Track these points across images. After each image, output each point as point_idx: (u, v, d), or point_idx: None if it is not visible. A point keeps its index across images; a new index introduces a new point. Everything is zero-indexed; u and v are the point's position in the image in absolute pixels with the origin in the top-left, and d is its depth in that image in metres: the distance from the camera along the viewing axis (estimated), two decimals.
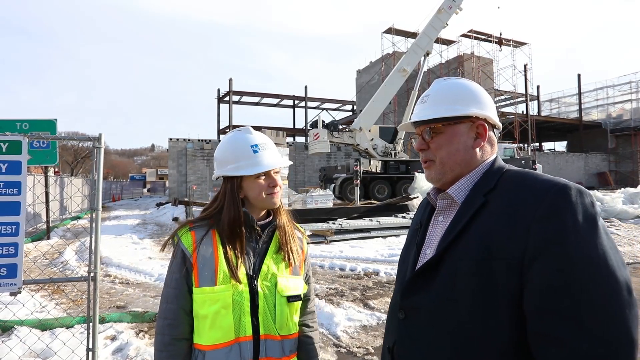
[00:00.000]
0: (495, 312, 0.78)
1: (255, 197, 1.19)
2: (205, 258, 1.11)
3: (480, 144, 0.94)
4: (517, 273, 0.77)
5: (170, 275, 1.15)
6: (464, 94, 0.96)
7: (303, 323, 1.27)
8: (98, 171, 2.60)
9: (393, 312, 1.01)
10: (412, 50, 18.91)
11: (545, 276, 0.73)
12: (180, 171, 22.68)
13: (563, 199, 0.77)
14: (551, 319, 0.72)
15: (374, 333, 3.95)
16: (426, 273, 0.90)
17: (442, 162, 0.95)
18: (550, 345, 0.72)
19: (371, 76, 31.42)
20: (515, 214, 0.80)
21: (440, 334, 0.85)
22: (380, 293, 5.17)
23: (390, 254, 7.50)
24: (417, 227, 1.05)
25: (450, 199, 0.95)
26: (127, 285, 5.76)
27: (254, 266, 1.16)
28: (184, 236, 1.15)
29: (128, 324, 3.97)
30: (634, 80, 32.09)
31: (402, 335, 0.93)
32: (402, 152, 19.31)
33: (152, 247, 9.02)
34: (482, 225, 0.84)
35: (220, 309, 1.07)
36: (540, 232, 0.75)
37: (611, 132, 32.61)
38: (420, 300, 0.90)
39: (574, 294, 0.70)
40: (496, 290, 0.78)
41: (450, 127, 0.94)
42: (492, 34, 30.71)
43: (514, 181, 0.87)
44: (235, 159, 1.18)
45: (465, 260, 0.83)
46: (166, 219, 14.15)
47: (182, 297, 1.11)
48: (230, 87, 30.77)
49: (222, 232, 1.15)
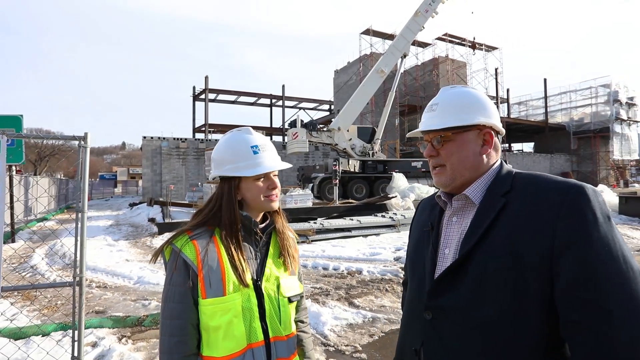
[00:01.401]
0: (525, 308, 0.83)
1: (254, 199, 1.17)
2: (211, 268, 1.06)
3: (487, 151, 0.99)
4: (546, 268, 0.82)
5: (172, 288, 1.08)
6: (471, 103, 1.00)
7: (298, 319, 1.30)
8: (84, 171, 2.52)
9: (415, 313, 1.02)
10: (390, 51, 19.18)
11: (574, 269, 0.79)
12: (155, 170, 22.02)
13: (583, 198, 0.82)
14: (581, 308, 0.77)
15: (361, 331, 4.00)
16: (452, 273, 0.92)
17: (452, 167, 0.99)
18: (582, 333, 0.77)
19: (349, 76, 31.65)
20: (540, 213, 0.85)
21: (471, 333, 0.88)
22: (364, 291, 5.24)
23: (371, 252, 7.61)
24: (427, 229, 1.08)
25: (465, 200, 0.99)
26: (105, 289, 5.55)
27: (256, 270, 1.15)
28: (185, 247, 1.08)
29: (109, 330, 3.84)
30: (594, 86, 33.96)
31: (430, 336, 0.95)
32: (379, 152, 19.57)
33: (128, 248, 8.73)
34: (506, 224, 0.88)
35: (232, 318, 1.05)
36: (565, 229, 0.81)
37: (574, 135, 34.34)
38: (449, 300, 0.92)
39: (600, 283, 0.76)
40: (525, 287, 0.83)
41: (459, 135, 0.98)
42: (466, 38, 31.70)
43: (529, 183, 0.92)
44: (235, 160, 1.15)
45: (492, 258, 0.86)
46: (141, 219, 13.72)
47: (190, 311, 1.06)
48: (207, 85, 30.19)
49: (224, 238, 1.11)
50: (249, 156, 1.16)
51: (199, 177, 22.16)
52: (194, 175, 22.64)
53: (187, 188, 21.91)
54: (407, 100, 31.19)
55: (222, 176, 1.18)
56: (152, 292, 5.40)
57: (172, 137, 22.76)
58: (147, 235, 10.67)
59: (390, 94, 19.81)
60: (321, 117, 37.42)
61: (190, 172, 22.72)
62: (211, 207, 1.18)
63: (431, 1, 18.92)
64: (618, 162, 33.54)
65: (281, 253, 1.22)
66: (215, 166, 1.20)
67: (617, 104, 32.89)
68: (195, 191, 16.93)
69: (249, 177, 1.15)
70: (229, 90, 33.38)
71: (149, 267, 6.60)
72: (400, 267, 6.39)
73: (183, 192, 21.43)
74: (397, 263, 6.72)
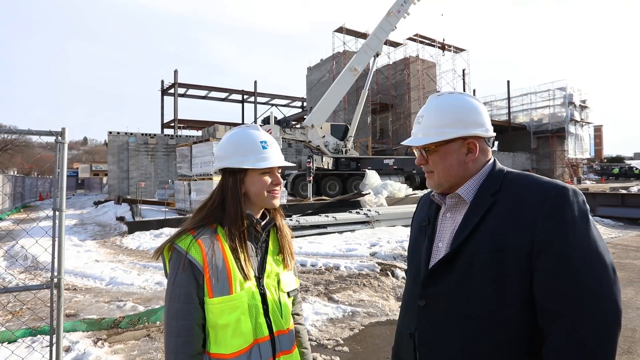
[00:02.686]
0: (506, 298, 0.92)
1: (257, 193, 1.18)
2: (217, 268, 1.07)
3: (472, 158, 1.06)
4: (526, 263, 0.91)
5: (176, 289, 1.07)
6: (454, 116, 1.05)
7: (294, 312, 1.34)
8: (61, 169, 2.42)
9: (411, 301, 1.11)
10: (363, 50, 19.43)
11: (551, 264, 0.89)
12: (122, 167, 21.12)
13: (563, 199, 0.92)
14: (556, 298, 0.87)
15: (341, 325, 4.09)
16: (444, 265, 1.01)
17: (438, 175, 1.08)
18: (556, 321, 0.87)
19: (322, 74, 31.72)
20: (523, 212, 0.94)
21: (460, 318, 0.97)
22: (342, 287, 5.34)
23: (348, 248, 7.73)
24: (424, 224, 1.16)
25: (458, 198, 1.07)
26: (75, 291, 5.31)
27: (258, 267, 1.17)
28: (191, 248, 1.08)
29: (83, 333, 3.71)
30: (552, 89, 36.01)
31: (424, 321, 1.04)
32: (352, 150, 19.81)
33: (97, 249, 8.37)
34: (493, 222, 0.97)
35: (240, 315, 1.07)
36: (545, 227, 0.90)
37: (533, 134, 36.26)
38: (440, 289, 1.01)
39: (574, 277, 0.86)
40: (506, 279, 0.92)
41: (442, 147, 1.06)
42: (436, 39, 32.59)
43: (517, 183, 1.01)
44: (244, 153, 1.17)
45: (479, 252, 0.96)
46: (108, 218, 13.14)
47: (196, 311, 1.06)
48: (176, 79, 29.28)
49: (228, 236, 1.13)
50: (258, 150, 1.18)
51: (168, 174, 21.49)
52: (163, 172, 21.93)
53: (156, 185, 21.21)
54: (379, 98, 31.71)
55: (226, 169, 1.19)
56: (126, 292, 5.23)
57: (140, 133, 21.91)
58: (117, 234, 10.25)
59: (362, 92, 20.06)
60: (294, 114, 37.30)
61: (160, 169, 21.98)
62: (214, 200, 1.19)
63: (403, 2, 19.31)
64: (572, 160, 35.78)
65: (280, 250, 1.25)
66: (221, 158, 1.20)
67: (572, 106, 35.04)
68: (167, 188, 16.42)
69: (255, 170, 1.17)
70: (199, 85, 32.51)
71: (121, 268, 6.38)
72: (377, 262, 6.55)
73: (152, 189, 20.73)
74: (373, 258, 6.88)
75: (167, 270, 1.13)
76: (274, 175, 1.22)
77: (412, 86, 31.42)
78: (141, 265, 6.83)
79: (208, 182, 11.85)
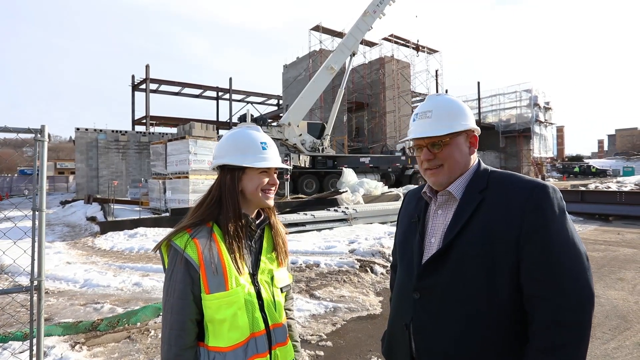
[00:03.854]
0: (497, 286, 1.02)
1: (253, 192, 1.22)
2: (213, 265, 1.11)
3: (474, 151, 1.18)
4: (514, 253, 1.02)
5: (173, 284, 1.13)
6: (459, 111, 1.16)
7: (286, 308, 1.40)
8: (41, 167, 2.36)
9: (405, 293, 1.18)
10: (340, 49, 19.56)
11: (534, 254, 1.00)
12: (91, 165, 20.26)
13: (545, 195, 1.03)
14: (540, 284, 0.98)
15: (324, 321, 4.16)
16: (438, 258, 1.09)
17: (450, 167, 1.15)
18: (540, 304, 0.98)
19: (298, 72, 31.65)
20: (510, 207, 1.04)
21: (453, 308, 1.06)
22: (323, 283, 5.42)
23: (327, 246, 7.82)
24: (414, 220, 1.24)
25: (448, 196, 1.16)
26: (47, 295, 5.09)
27: (252, 264, 1.22)
28: (188, 247, 1.12)
29: (60, 337, 3.59)
30: (518, 90, 37.62)
31: (419, 312, 1.12)
32: (329, 148, 19.94)
33: (67, 250, 8.03)
34: (483, 217, 1.06)
35: (237, 310, 1.12)
36: (529, 221, 1.01)
37: (502, 134, 37.75)
38: (434, 282, 1.09)
39: (555, 265, 0.98)
40: (496, 269, 1.02)
41: (455, 139, 1.15)
42: (410, 40, 33.27)
43: (503, 181, 1.11)
44: (244, 151, 1.21)
45: (471, 246, 1.05)
46: (77, 218, 12.61)
47: (189, 306, 1.11)
48: (147, 74, 28.33)
49: (225, 234, 1.17)
50: (258, 150, 1.23)
51: (141, 172, 20.84)
52: (135, 171, 21.23)
53: (128, 184, 20.51)
54: (354, 97, 32.01)
55: (225, 167, 1.23)
56: (103, 294, 5.08)
57: (110, 130, 21.10)
58: (88, 235, 9.87)
59: (339, 90, 20.20)
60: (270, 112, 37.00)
61: (132, 167, 21.27)
62: (212, 197, 1.22)
63: (379, 2, 19.58)
64: (537, 159, 37.55)
65: (274, 247, 1.31)
66: (221, 156, 1.25)
67: (537, 107, 36.74)
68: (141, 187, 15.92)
69: (254, 169, 1.22)
70: (172, 80, 31.61)
71: (95, 269, 6.17)
72: (356, 259, 6.68)
73: (124, 188, 20.03)
74: (352, 255, 7.00)
75: (165, 264, 1.18)
76: (271, 176, 1.27)
77: (387, 85, 31.92)
78: (117, 266, 6.64)
79: (184, 180, 11.61)
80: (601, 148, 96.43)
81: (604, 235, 8.96)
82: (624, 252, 7.17)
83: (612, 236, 8.85)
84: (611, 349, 3.38)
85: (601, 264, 6.26)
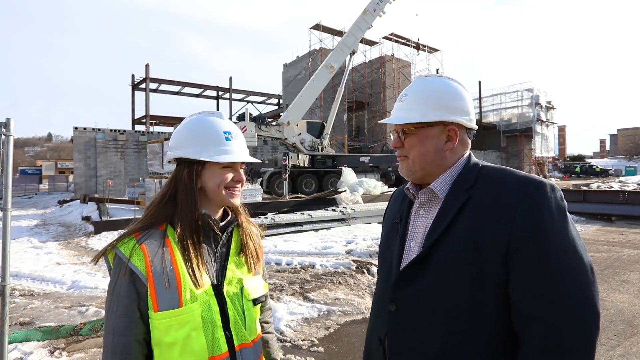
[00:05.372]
0: (482, 299, 0.85)
1: (214, 190, 1.05)
2: (164, 277, 0.93)
3: (451, 147, 0.99)
4: (502, 262, 0.85)
5: (115, 299, 0.94)
6: (439, 98, 0.98)
7: (263, 320, 1.24)
8: (6, 164, 2.20)
9: (381, 304, 1.03)
10: (339, 48, 19.39)
11: (527, 263, 0.82)
12: (89, 164, 20.15)
13: (540, 194, 0.86)
14: (532, 300, 0.81)
15: (317, 325, 4.01)
16: (416, 266, 0.93)
17: (413, 160, 1.00)
18: (531, 323, 0.81)
19: (298, 71, 31.52)
20: (498, 209, 0.87)
21: (433, 323, 0.89)
22: (318, 285, 5.26)
23: (323, 246, 7.67)
24: (396, 221, 1.08)
25: (431, 194, 1.00)
26: (32, 297, 4.95)
27: (216, 273, 1.04)
28: (133, 255, 0.94)
29: (39, 343, 3.44)
30: (520, 90, 37.41)
31: (394, 326, 0.96)
32: (328, 147, 19.78)
33: (59, 250, 7.89)
34: (468, 219, 0.90)
35: (191, 331, 0.93)
36: (521, 224, 0.84)
37: (503, 133, 37.55)
38: (412, 292, 0.93)
39: (551, 278, 0.80)
40: (482, 279, 0.85)
41: (422, 130, 0.98)
42: (411, 38, 33.08)
43: (492, 178, 0.94)
44: (203, 142, 1.03)
45: (454, 252, 0.88)
46: (73, 218, 12.49)
47: (135, 326, 0.93)
48: (147, 73, 28.25)
49: (180, 239, 0.99)
50: (220, 141, 1.05)
51: (139, 171, 20.72)
52: (134, 170, 21.12)
53: (126, 183, 20.40)
54: (355, 96, 31.86)
55: (182, 160, 1.05)
56: (89, 297, 4.93)
57: (108, 129, 20.98)
58: (82, 235, 9.74)
59: (339, 89, 20.03)
60: (270, 111, 36.90)
61: (130, 167, 21.16)
62: (164, 195, 1.05)
63: (379, 0, 19.40)
64: (539, 158, 37.34)
65: (243, 252, 1.13)
66: (177, 147, 1.06)
67: (538, 106, 36.52)
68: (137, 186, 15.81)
69: (215, 164, 1.04)
70: (172, 80, 31.53)
71: (84, 270, 6.03)
72: (353, 259, 6.52)
73: (122, 187, 19.92)
74: (349, 256, 6.85)
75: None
76: (236, 172, 1.09)
77: (387, 85, 31.75)
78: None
79: None
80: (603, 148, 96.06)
81: (607, 236, 8.77)
82: (628, 253, 6.99)
83: (615, 236, 8.67)
84: (617, 356, 3.21)
85: (605, 266, 6.09)
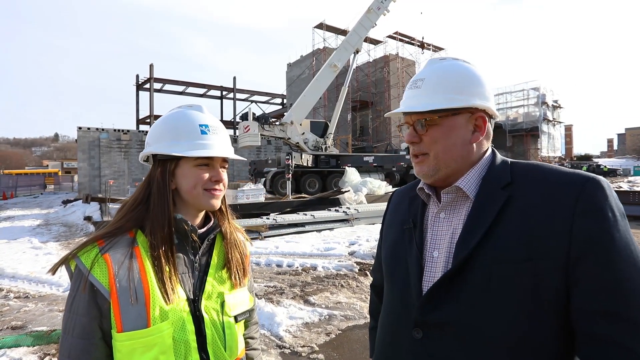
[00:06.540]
0: (543, 318, 0.71)
1: (190, 190, 0.92)
2: (130, 292, 0.81)
3: (479, 139, 0.85)
4: (562, 274, 0.70)
5: (72, 317, 0.82)
6: (465, 80, 0.84)
7: (248, 336, 1.10)
8: None
9: (400, 330, 0.85)
10: (343, 47, 19.26)
11: (595, 276, 0.68)
12: (93, 164, 20.20)
13: (602, 193, 0.71)
14: (604, 320, 0.67)
15: (317, 330, 3.87)
16: (449, 283, 0.77)
17: (436, 157, 0.84)
18: (603, 347, 0.66)
19: (302, 70, 31.40)
20: (552, 210, 0.72)
21: (479, 351, 0.73)
22: (319, 288, 5.12)
23: (326, 247, 7.54)
24: (408, 227, 0.91)
25: (456, 193, 0.84)
26: (27, 299, 4.85)
27: (194, 287, 0.91)
28: (94, 266, 0.82)
29: (29, 349, 3.33)
30: (526, 89, 37.06)
31: (422, 358, 0.79)
32: (332, 147, 19.65)
33: (59, 251, 7.82)
34: (513, 223, 0.74)
35: (158, 355, 0.81)
36: (584, 228, 0.69)
37: (509, 133, 37.22)
38: (446, 316, 0.77)
39: (626, 293, 0.66)
40: (542, 294, 0.71)
41: (447, 119, 0.83)
42: (415, 37, 32.82)
43: (533, 174, 0.79)
44: (175, 136, 0.91)
45: (499, 264, 0.73)
46: (76, 218, 12.47)
47: (94, 348, 0.81)
48: (152, 74, 28.30)
49: (151, 247, 0.87)
50: (194, 135, 0.92)
51: (143, 171, 20.72)
52: (137, 170, 21.13)
53: (129, 183, 20.42)
54: (359, 96, 31.69)
55: (157, 158, 0.93)
56: None
57: (112, 129, 21.01)
58: (82, 235, 9.71)
59: (342, 89, 19.91)
60: (274, 111, 36.82)
61: (134, 167, 21.17)
62: (136, 197, 0.93)
63: None
64: (545, 158, 36.92)
65: (227, 265, 0.99)
66: (149, 143, 0.95)
67: (545, 105, 36.14)
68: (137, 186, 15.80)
69: (188, 160, 0.91)
70: (176, 80, 31.59)
71: None
72: (355, 261, 6.36)
73: (126, 187, 19.94)
74: (351, 258, 6.70)
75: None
76: (214, 170, 0.95)
77: (392, 84, 31.55)
78: None
79: None
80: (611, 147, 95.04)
81: None
82: None
83: None
84: None
85: None
